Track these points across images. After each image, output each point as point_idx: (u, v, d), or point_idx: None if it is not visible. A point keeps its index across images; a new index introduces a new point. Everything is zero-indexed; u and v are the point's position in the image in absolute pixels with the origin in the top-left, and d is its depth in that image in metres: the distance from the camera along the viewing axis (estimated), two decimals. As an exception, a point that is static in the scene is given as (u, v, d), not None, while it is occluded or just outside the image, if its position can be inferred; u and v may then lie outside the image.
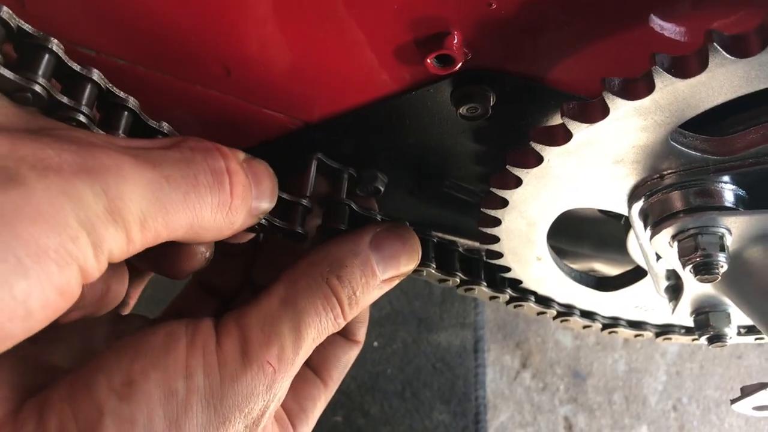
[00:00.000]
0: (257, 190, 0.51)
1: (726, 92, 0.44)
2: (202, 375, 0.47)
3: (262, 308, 0.52)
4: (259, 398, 0.49)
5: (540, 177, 0.53)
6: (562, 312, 0.78)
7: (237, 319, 0.51)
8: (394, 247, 0.59)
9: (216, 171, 0.46)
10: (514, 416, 1.45)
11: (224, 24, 0.50)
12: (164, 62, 0.54)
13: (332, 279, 0.55)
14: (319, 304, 0.53)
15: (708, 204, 0.52)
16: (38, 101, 0.44)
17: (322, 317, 0.53)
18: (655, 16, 0.48)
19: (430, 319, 1.47)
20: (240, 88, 0.57)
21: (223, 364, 0.48)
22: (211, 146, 0.47)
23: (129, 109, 0.49)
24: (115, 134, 0.48)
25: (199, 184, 0.45)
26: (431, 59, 0.50)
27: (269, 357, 0.49)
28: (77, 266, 0.38)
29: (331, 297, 0.54)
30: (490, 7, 0.47)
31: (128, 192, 0.40)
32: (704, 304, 0.68)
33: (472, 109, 0.54)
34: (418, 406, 1.39)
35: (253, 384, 0.48)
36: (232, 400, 0.47)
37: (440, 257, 0.70)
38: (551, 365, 1.51)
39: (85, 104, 0.46)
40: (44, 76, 0.44)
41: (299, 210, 0.59)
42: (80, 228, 0.38)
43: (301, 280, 0.54)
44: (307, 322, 0.52)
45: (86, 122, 0.46)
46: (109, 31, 0.51)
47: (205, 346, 0.48)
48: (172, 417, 0.45)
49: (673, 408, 1.50)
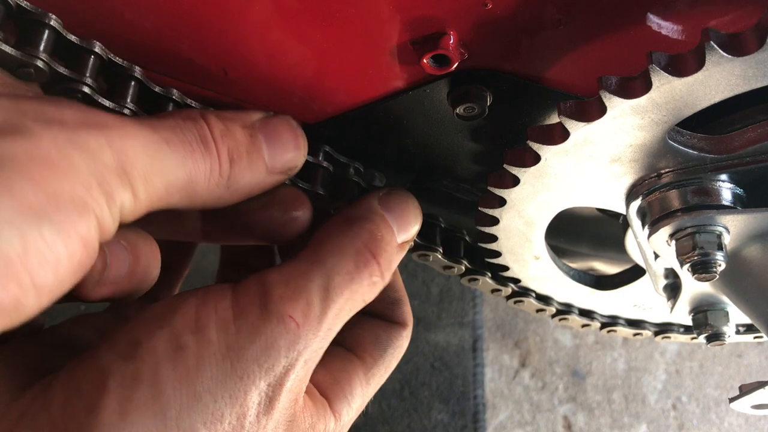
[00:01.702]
0: (272, 148, 0.51)
1: (723, 90, 0.44)
2: (215, 329, 0.45)
3: (287, 266, 0.50)
4: (280, 354, 0.45)
5: (537, 176, 0.53)
6: (561, 310, 0.78)
7: (258, 277, 0.49)
8: (401, 206, 0.58)
9: (204, 137, 0.46)
10: (512, 415, 1.45)
11: (221, 24, 0.50)
12: (161, 62, 0.54)
13: (363, 233, 0.53)
14: (351, 262, 0.51)
15: (706, 202, 0.52)
16: (40, 76, 0.45)
17: (354, 276, 0.51)
18: (652, 15, 0.48)
19: (429, 319, 1.47)
20: (237, 89, 0.56)
21: (239, 317, 0.46)
22: (197, 115, 0.47)
23: (135, 77, 0.50)
24: (123, 103, 0.49)
25: (194, 150, 0.45)
26: (427, 59, 0.50)
27: (292, 311, 0.47)
28: (95, 215, 0.38)
29: (365, 252, 0.52)
30: (485, 7, 0.47)
31: (132, 148, 0.40)
32: (702, 303, 0.68)
33: (469, 109, 0.54)
34: (416, 406, 1.39)
35: (273, 338, 0.45)
36: (250, 353, 0.44)
37: (447, 244, 0.69)
38: (550, 364, 1.50)
39: (89, 75, 0.47)
40: (45, 50, 0.45)
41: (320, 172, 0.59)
42: (92, 177, 0.38)
43: (329, 239, 0.52)
44: (337, 282, 0.50)
45: (90, 93, 0.46)
46: (105, 31, 0.51)
47: (218, 302, 0.46)
48: (182, 372, 0.42)
49: (672, 407, 1.50)
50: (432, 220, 0.68)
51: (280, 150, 0.51)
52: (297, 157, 0.53)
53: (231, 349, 0.44)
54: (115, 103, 0.49)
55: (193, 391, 0.42)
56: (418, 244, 0.66)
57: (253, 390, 0.44)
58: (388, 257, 0.54)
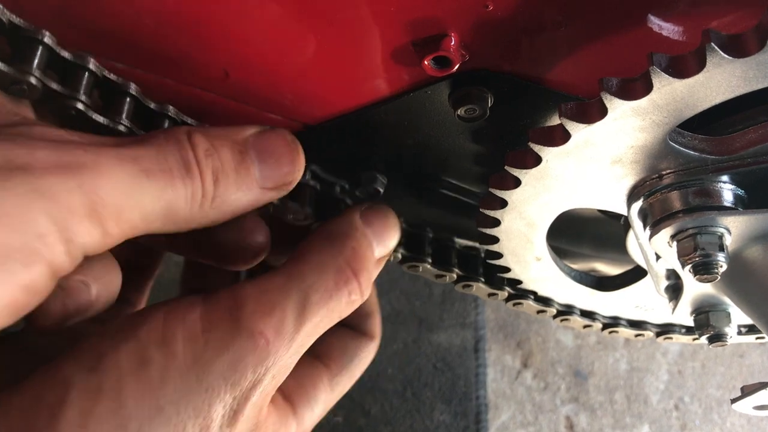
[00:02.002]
0: (265, 164, 0.50)
1: (724, 92, 0.44)
2: (181, 341, 0.44)
3: (263, 280, 0.49)
4: (248, 369, 0.45)
5: (539, 177, 0.53)
6: (562, 311, 0.78)
7: (231, 290, 0.48)
8: (382, 222, 0.58)
9: (186, 161, 0.45)
10: (515, 416, 1.45)
11: (222, 27, 0.50)
12: (162, 65, 0.54)
13: (345, 251, 0.53)
14: (331, 280, 0.51)
15: (707, 204, 0.52)
16: (33, 93, 0.44)
17: (333, 294, 0.50)
18: (653, 16, 0.48)
19: (431, 319, 1.47)
20: (238, 91, 0.57)
21: (207, 329, 0.45)
22: (183, 136, 0.47)
23: (130, 94, 0.50)
24: (118, 119, 0.49)
25: (174, 177, 0.44)
26: (428, 61, 0.50)
27: (264, 327, 0.46)
28: (45, 262, 0.38)
29: (346, 270, 0.52)
30: (486, 8, 0.47)
31: (104, 187, 0.40)
32: (704, 304, 0.68)
33: (470, 111, 0.54)
34: (418, 406, 1.39)
35: (241, 353, 0.45)
36: (217, 367, 0.44)
37: (437, 253, 0.69)
38: (552, 365, 1.50)
39: (83, 92, 0.47)
40: (38, 67, 0.44)
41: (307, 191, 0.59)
42: (50, 224, 0.38)
43: (309, 255, 0.52)
44: (314, 300, 0.49)
45: (84, 110, 0.46)
46: (106, 34, 0.51)
47: (187, 314, 0.46)
48: (145, 385, 0.42)
49: (674, 407, 1.50)
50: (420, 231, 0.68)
51: (273, 166, 0.50)
52: (292, 173, 0.52)
53: (197, 362, 0.44)
54: (110, 119, 0.48)
55: (156, 404, 0.42)
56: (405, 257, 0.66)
57: (218, 403, 0.44)
58: (368, 275, 0.54)
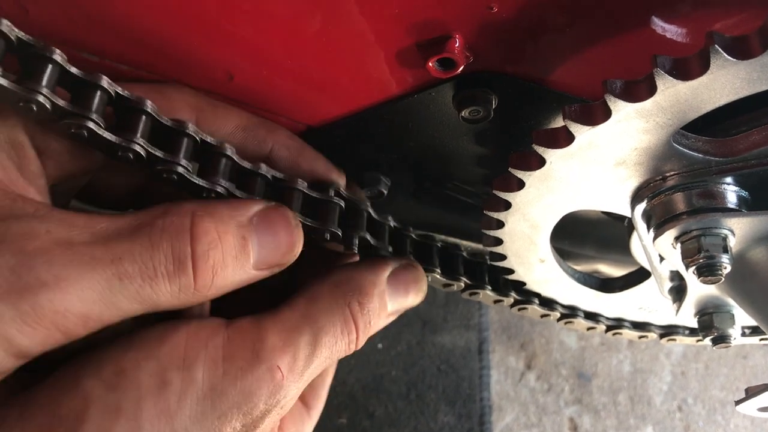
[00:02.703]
0: (264, 248, 0.50)
1: (728, 94, 0.44)
2: (202, 367, 0.45)
3: (282, 316, 0.52)
4: (261, 400, 0.47)
5: (542, 179, 0.53)
6: (566, 314, 0.78)
7: (254, 321, 0.50)
8: (407, 284, 0.61)
9: (179, 258, 0.45)
10: (519, 417, 1.45)
11: (227, 29, 0.50)
12: (167, 67, 0.54)
13: (354, 305, 0.55)
14: (338, 326, 0.54)
15: (711, 205, 0.52)
16: (42, 111, 0.44)
17: (338, 339, 0.53)
18: (657, 18, 0.48)
19: (435, 321, 1.47)
20: (243, 93, 0.57)
21: (229, 358, 0.46)
22: (185, 227, 0.46)
23: (145, 111, 0.49)
24: (133, 137, 0.48)
25: (156, 275, 0.44)
26: (433, 62, 0.50)
27: (281, 362, 0.48)
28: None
29: (350, 321, 0.54)
30: (491, 10, 0.47)
31: (66, 302, 0.40)
32: (708, 305, 0.68)
33: (474, 112, 0.55)
34: (423, 408, 1.39)
35: (258, 384, 0.47)
36: (232, 396, 0.46)
37: (444, 262, 0.69)
38: (556, 366, 1.50)
39: (95, 111, 0.46)
40: (47, 86, 0.44)
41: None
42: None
43: (324, 299, 0.54)
44: (323, 341, 0.52)
45: (95, 128, 0.46)
46: (112, 36, 0.51)
47: (210, 339, 0.47)
48: (163, 409, 0.43)
49: (678, 408, 1.49)
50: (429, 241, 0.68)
51: (272, 250, 0.51)
52: (288, 257, 0.52)
53: (214, 390, 0.45)
54: (123, 137, 0.47)
55: (171, 427, 0.43)
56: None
57: (228, 429, 0.46)
58: (368, 331, 0.57)
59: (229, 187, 0.52)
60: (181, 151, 0.50)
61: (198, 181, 0.50)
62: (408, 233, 0.65)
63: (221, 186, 0.51)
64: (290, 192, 0.55)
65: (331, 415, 1.37)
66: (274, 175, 0.55)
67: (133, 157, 0.48)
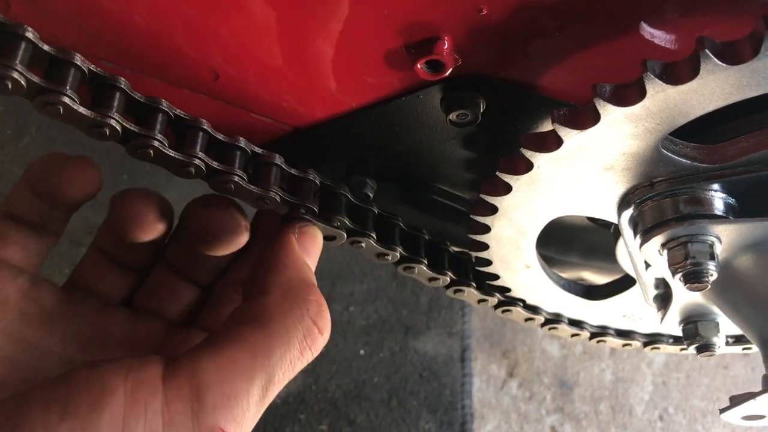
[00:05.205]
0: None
1: (717, 99, 0.44)
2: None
3: (224, 360, 0.44)
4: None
5: (530, 184, 0.53)
6: (550, 320, 0.78)
7: (191, 371, 0.44)
8: (315, 247, 0.56)
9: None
10: (500, 425, 1.44)
11: (213, 28, 0.50)
12: (152, 65, 0.54)
13: (311, 308, 0.49)
14: (297, 349, 0.47)
15: (698, 212, 0.52)
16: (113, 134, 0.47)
17: (297, 364, 0.47)
18: (647, 24, 0.48)
19: (417, 328, 1.46)
20: (229, 93, 0.56)
21: (171, 429, 0.41)
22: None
23: (200, 128, 0.51)
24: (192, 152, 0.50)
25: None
26: (421, 64, 0.50)
27: (225, 421, 0.43)
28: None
29: (313, 330, 0.48)
30: (480, 12, 0.47)
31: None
32: (693, 314, 0.68)
33: (462, 116, 0.54)
34: (404, 415, 1.39)
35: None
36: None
37: (432, 255, 0.68)
38: (538, 374, 1.50)
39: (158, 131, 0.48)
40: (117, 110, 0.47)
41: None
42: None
43: (273, 323, 0.47)
44: (278, 377, 0.46)
45: (159, 146, 0.48)
46: (96, 33, 0.51)
47: (148, 404, 0.41)
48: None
49: (659, 418, 1.50)
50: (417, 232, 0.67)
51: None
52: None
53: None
54: (184, 154, 0.49)
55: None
56: (404, 257, 0.65)
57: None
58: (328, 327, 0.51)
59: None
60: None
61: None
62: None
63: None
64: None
65: (312, 421, 1.36)
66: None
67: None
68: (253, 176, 0.54)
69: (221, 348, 0.45)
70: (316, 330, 0.48)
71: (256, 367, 0.45)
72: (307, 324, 0.48)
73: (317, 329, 0.48)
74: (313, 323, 0.48)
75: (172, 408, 0.42)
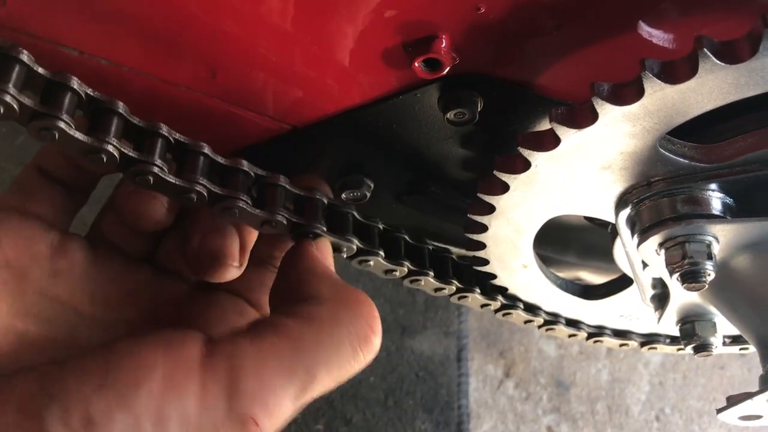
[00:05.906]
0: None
1: (716, 99, 0.44)
2: (176, 427, 0.39)
3: (265, 346, 0.43)
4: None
5: (527, 183, 0.53)
6: (548, 320, 0.78)
7: (230, 353, 0.42)
8: (330, 254, 0.57)
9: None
10: (497, 426, 1.44)
11: (209, 25, 0.50)
12: (148, 63, 0.53)
13: (365, 308, 0.47)
14: (348, 346, 0.45)
15: (696, 212, 0.52)
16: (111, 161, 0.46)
17: (348, 370, 0.45)
18: (645, 23, 0.48)
19: (414, 327, 1.46)
20: (226, 91, 0.56)
21: (203, 412, 0.40)
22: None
23: (202, 153, 0.50)
24: (194, 178, 0.49)
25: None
26: (419, 63, 0.50)
27: (258, 412, 0.41)
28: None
29: (367, 331, 0.46)
30: (478, 11, 0.47)
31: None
32: (690, 314, 0.67)
33: (459, 114, 0.54)
34: (400, 415, 1.39)
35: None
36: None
37: (437, 266, 0.68)
38: (534, 374, 1.50)
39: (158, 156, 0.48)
40: (115, 136, 0.46)
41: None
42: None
43: (329, 318, 0.45)
44: (320, 378, 0.43)
45: (158, 172, 0.47)
46: (92, 30, 0.51)
47: (184, 384, 0.40)
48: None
49: (656, 418, 1.50)
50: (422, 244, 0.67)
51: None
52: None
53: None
54: (185, 180, 0.49)
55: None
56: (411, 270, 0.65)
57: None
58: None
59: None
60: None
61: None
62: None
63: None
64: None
65: (308, 421, 1.36)
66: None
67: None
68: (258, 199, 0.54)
69: (263, 335, 0.43)
70: (370, 332, 0.46)
71: (298, 361, 0.43)
72: (360, 325, 0.46)
73: (371, 330, 0.46)
74: (368, 325, 0.46)
75: (209, 391, 0.41)
